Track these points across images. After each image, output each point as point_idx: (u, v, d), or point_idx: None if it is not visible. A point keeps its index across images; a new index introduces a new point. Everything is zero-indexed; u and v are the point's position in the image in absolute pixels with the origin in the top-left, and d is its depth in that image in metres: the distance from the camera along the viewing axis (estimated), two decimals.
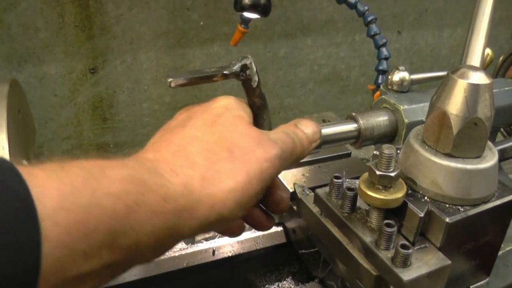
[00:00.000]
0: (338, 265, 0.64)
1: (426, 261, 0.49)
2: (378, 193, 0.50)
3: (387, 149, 0.49)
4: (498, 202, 0.53)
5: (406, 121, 0.65)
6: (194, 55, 1.41)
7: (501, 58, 0.96)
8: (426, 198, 0.52)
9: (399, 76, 0.72)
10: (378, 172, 0.49)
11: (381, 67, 0.92)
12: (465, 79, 0.49)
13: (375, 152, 0.57)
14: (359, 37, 1.61)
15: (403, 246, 0.47)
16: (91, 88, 1.34)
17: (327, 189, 0.58)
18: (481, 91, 0.49)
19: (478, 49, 0.58)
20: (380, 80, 0.92)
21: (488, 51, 0.76)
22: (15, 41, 1.19)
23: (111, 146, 1.43)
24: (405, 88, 0.72)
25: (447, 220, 0.49)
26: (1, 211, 0.26)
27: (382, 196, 0.49)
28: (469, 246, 0.54)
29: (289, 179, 0.74)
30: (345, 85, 1.69)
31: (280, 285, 0.79)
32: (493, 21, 0.59)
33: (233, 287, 0.84)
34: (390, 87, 0.73)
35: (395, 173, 0.49)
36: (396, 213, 0.52)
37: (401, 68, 0.73)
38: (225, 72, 0.47)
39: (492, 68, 0.97)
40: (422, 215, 0.50)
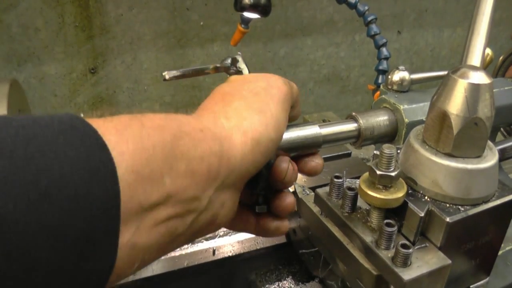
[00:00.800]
0: (338, 265, 0.64)
1: (427, 260, 0.49)
2: (378, 192, 0.50)
3: (388, 149, 0.49)
4: (498, 202, 0.53)
5: (406, 120, 0.65)
6: (194, 55, 1.41)
7: (501, 58, 0.96)
8: (426, 197, 0.52)
9: (399, 76, 0.72)
10: (378, 172, 0.49)
11: (381, 67, 0.92)
12: (465, 79, 0.49)
13: (375, 152, 0.57)
14: (359, 37, 1.61)
15: (404, 246, 0.47)
16: (91, 88, 1.34)
17: (327, 189, 0.58)
18: (482, 91, 0.49)
19: (478, 49, 0.58)
20: (380, 80, 0.92)
21: (488, 51, 0.76)
22: (15, 41, 1.19)
23: None
24: (405, 88, 0.72)
25: (448, 219, 0.49)
26: (78, 147, 0.31)
27: (383, 196, 0.49)
28: (469, 246, 0.54)
29: None
30: (345, 85, 1.69)
31: (280, 285, 0.79)
32: (493, 21, 0.59)
33: (233, 287, 0.84)
34: (390, 87, 0.73)
35: (395, 173, 0.49)
36: (396, 212, 0.52)
37: (401, 68, 0.73)
38: (217, 65, 0.53)
39: (492, 68, 0.97)
40: (422, 214, 0.50)
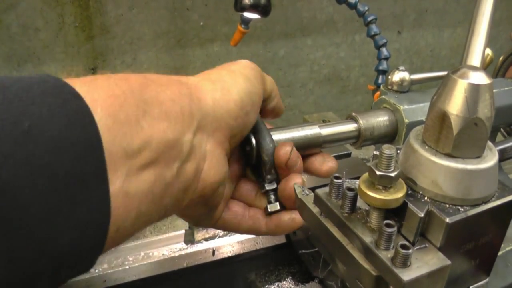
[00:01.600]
0: (338, 265, 0.64)
1: (426, 261, 0.49)
2: (378, 193, 0.50)
3: (387, 149, 0.49)
4: (498, 202, 0.53)
5: (406, 121, 0.65)
6: (194, 55, 1.41)
7: (501, 58, 0.96)
8: (426, 198, 0.52)
9: (399, 76, 0.72)
10: (378, 172, 0.49)
11: (381, 67, 0.92)
12: (465, 79, 0.49)
13: (375, 152, 0.57)
14: (359, 37, 1.61)
15: (403, 246, 0.47)
16: None
17: (327, 189, 0.58)
18: (482, 91, 0.49)
19: (478, 49, 0.58)
20: (380, 80, 0.92)
21: (488, 51, 0.76)
22: (15, 41, 1.19)
23: None
24: (405, 88, 0.72)
25: (447, 220, 0.49)
26: (53, 95, 0.32)
27: (382, 196, 0.49)
28: (469, 246, 0.54)
29: None
30: (345, 85, 1.69)
31: (280, 285, 0.79)
32: (493, 21, 0.59)
33: (233, 287, 0.84)
34: (390, 87, 0.73)
35: (395, 173, 0.49)
36: (396, 213, 0.52)
37: (401, 68, 0.73)
38: None
39: (492, 68, 0.97)
40: (422, 215, 0.50)
